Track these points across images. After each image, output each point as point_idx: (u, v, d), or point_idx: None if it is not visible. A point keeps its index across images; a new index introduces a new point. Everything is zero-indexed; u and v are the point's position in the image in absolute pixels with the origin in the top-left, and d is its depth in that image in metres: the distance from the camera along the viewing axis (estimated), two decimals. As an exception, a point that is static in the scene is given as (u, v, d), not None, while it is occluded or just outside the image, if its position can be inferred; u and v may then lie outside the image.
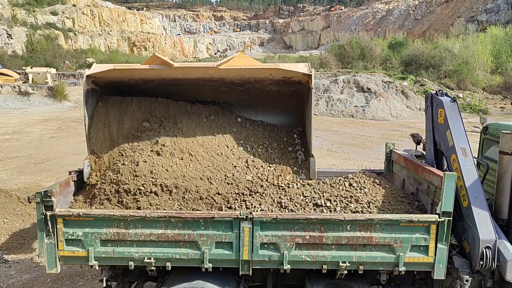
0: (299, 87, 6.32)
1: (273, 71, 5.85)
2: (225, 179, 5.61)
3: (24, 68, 48.12)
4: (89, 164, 5.84)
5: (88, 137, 5.95)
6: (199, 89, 6.64)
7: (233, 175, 5.66)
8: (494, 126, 6.11)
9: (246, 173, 5.74)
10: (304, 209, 5.41)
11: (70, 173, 5.84)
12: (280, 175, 5.86)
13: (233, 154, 5.95)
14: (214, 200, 5.41)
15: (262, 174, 5.78)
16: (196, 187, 5.42)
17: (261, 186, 5.62)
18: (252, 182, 5.63)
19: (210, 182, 5.52)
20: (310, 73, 5.75)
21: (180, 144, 5.83)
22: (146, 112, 6.26)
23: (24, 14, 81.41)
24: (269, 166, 5.97)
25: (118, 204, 5.32)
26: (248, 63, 5.94)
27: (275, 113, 6.86)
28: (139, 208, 5.24)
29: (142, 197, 5.29)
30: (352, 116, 29.59)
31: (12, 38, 70.12)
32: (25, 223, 10.14)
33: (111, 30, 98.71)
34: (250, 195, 5.50)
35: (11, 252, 8.99)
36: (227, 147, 6.00)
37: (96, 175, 5.79)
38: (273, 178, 5.78)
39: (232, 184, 5.57)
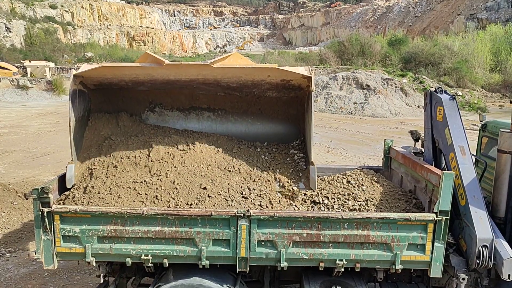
0: (299, 93, 6.00)
1: (271, 71, 5.46)
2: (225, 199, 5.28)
3: (23, 61, 47.96)
4: (73, 169, 5.39)
5: (74, 142, 5.46)
6: (194, 94, 6.30)
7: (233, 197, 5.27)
8: (492, 124, 6.11)
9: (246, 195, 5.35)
10: (302, 206, 5.41)
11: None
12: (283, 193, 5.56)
13: (233, 180, 5.55)
14: None
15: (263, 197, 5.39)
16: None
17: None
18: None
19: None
20: (310, 75, 5.40)
21: (176, 174, 5.46)
22: (137, 131, 6.02)
23: (23, 7, 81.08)
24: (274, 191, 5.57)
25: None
26: (244, 63, 5.48)
27: (274, 122, 6.44)
28: None
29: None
30: (351, 113, 29.59)
31: (10, 32, 69.84)
32: (23, 217, 10.14)
33: (110, 25, 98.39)
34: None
35: (8, 245, 8.99)
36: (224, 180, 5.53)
37: (81, 182, 5.40)
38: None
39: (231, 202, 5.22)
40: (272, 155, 6.13)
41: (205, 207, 4.97)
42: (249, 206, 5.06)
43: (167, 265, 4.74)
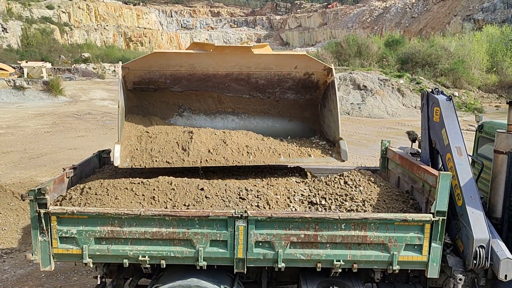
0: (314, 94, 6.85)
1: (301, 59, 6.32)
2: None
3: (19, 62, 47.78)
4: (120, 149, 5.71)
5: (121, 125, 5.86)
6: (221, 98, 6.88)
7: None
8: (489, 125, 6.13)
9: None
10: (299, 207, 5.41)
11: (64, 169, 5.79)
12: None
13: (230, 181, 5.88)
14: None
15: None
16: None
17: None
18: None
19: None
20: (331, 67, 6.49)
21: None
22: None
23: (20, 7, 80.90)
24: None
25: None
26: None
27: (291, 123, 7.16)
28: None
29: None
30: (348, 114, 29.64)
31: (7, 32, 69.73)
32: (20, 218, 10.10)
33: (107, 25, 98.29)
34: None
35: (5, 247, 8.96)
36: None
37: (127, 160, 5.73)
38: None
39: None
40: (298, 142, 6.66)
41: (203, 208, 4.96)
42: (246, 207, 5.06)
43: (164, 266, 4.73)
